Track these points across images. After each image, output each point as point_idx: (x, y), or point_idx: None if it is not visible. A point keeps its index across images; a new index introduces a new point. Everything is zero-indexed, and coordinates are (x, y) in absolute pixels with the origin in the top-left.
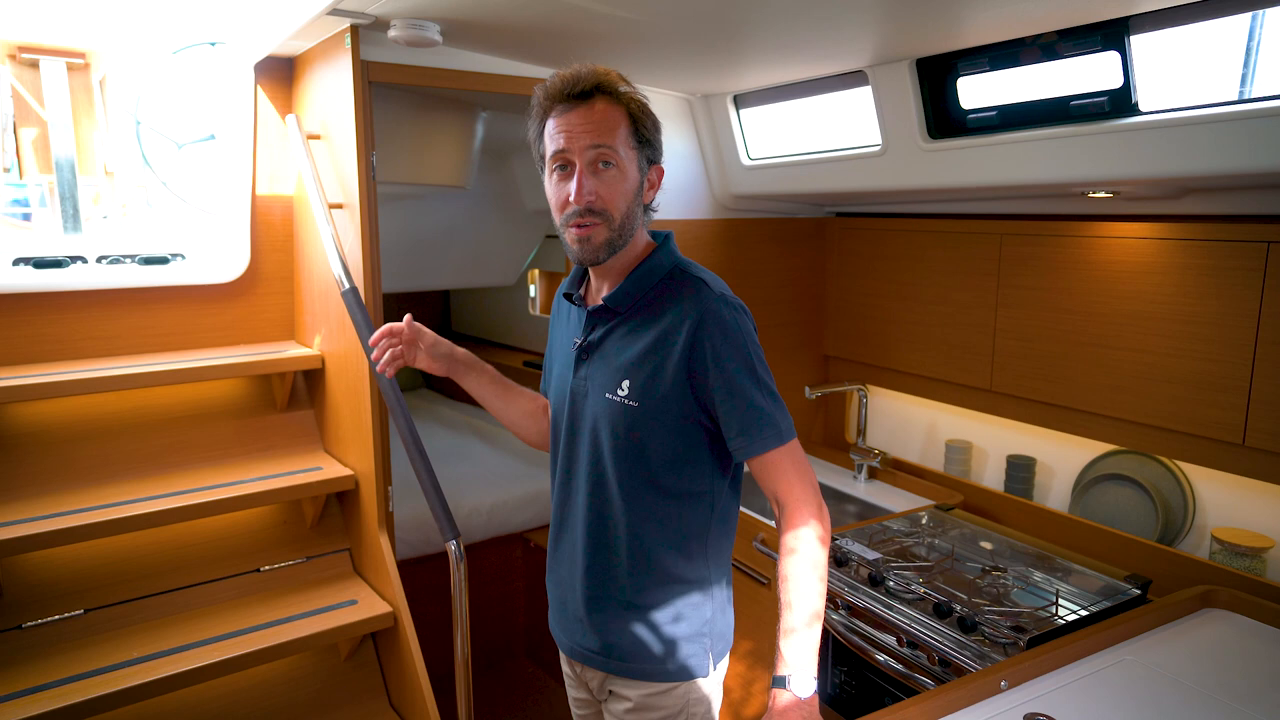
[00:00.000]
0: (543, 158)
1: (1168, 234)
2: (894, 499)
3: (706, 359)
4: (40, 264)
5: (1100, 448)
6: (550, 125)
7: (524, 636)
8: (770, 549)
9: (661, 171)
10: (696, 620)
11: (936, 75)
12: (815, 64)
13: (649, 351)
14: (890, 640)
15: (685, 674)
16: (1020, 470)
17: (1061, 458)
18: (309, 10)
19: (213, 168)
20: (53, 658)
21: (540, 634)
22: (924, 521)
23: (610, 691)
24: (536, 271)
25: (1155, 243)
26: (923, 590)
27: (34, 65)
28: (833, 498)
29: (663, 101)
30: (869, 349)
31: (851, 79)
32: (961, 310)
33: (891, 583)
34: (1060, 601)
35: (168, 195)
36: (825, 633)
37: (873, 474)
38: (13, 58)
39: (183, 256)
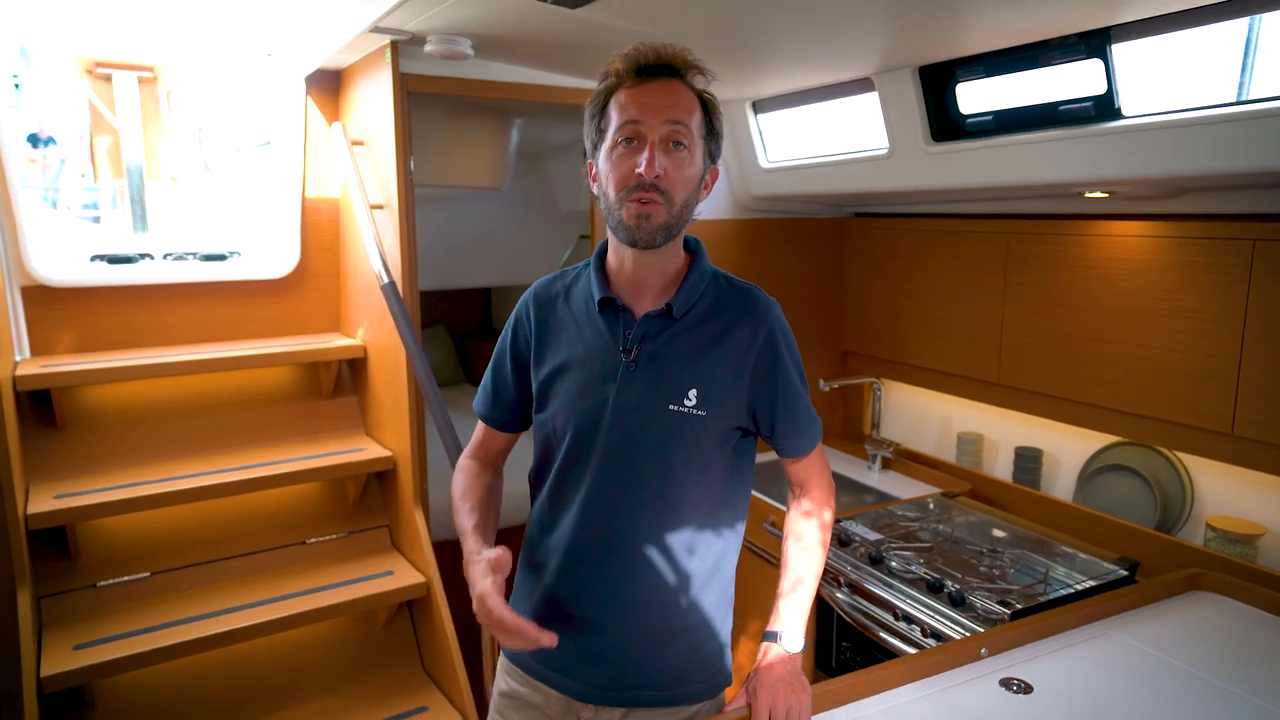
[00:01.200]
0: (600, 132)
1: (1162, 232)
2: (905, 488)
3: (776, 366)
4: (114, 260)
5: (1104, 439)
6: (621, 96)
7: None
8: (779, 531)
9: (716, 173)
10: (722, 632)
11: (938, 82)
12: (826, 72)
13: (719, 359)
14: (887, 616)
15: (715, 689)
16: (1028, 461)
17: (1068, 449)
18: (354, 28)
19: (266, 172)
20: (122, 613)
21: None
22: (929, 508)
23: None
24: None
25: (1150, 241)
26: (919, 569)
27: (107, 79)
28: (846, 487)
29: None
30: (885, 344)
31: (860, 85)
32: (971, 307)
33: (891, 562)
34: (1049, 579)
35: (225, 197)
36: (830, 609)
37: (886, 464)
38: (89, 72)
39: (239, 254)
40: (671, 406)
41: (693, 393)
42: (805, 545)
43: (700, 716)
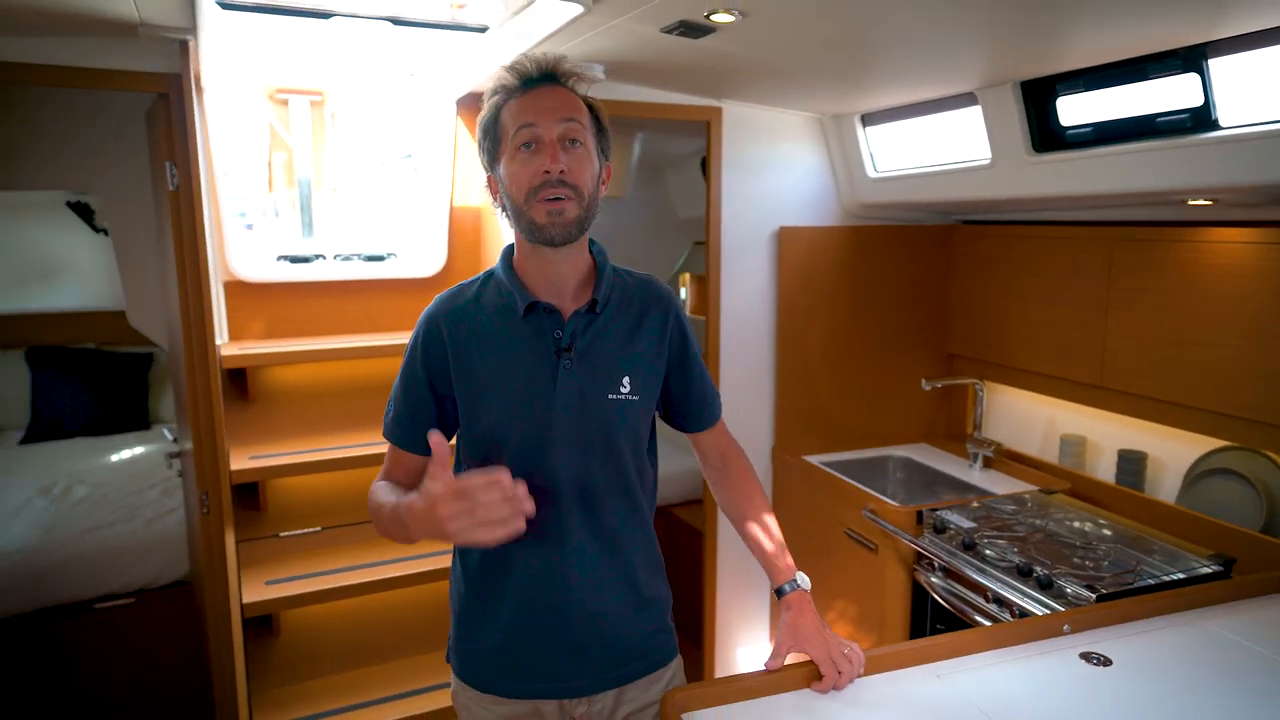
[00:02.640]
0: (496, 143)
1: (1267, 238)
2: (1004, 486)
3: (685, 345)
4: (294, 260)
5: (1210, 443)
6: (513, 105)
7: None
8: (879, 518)
9: (610, 171)
10: (669, 594)
11: (1039, 95)
12: (932, 87)
13: (641, 346)
14: (979, 599)
15: (674, 647)
16: (1131, 464)
17: (1173, 453)
18: (502, 59)
19: (416, 182)
20: (299, 558)
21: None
22: (1026, 503)
23: (620, 706)
24: (687, 275)
25: (1256, 247)
26: (1011, 556)
27: (284, 103)
28: (946, 484)
29: (796, 121)
30: (990, 348)
31: (963, 99)
32: (1074, 311)
33: (986, 550)
34: (1139, 571)
35: (373, 205)
36: (924, 592)
37: (987, 463)
38: (270, 98)
39: (395, 255)
40: (610, 396)
41: (626, 380)
42: (763, 505)
43: (674, 674)
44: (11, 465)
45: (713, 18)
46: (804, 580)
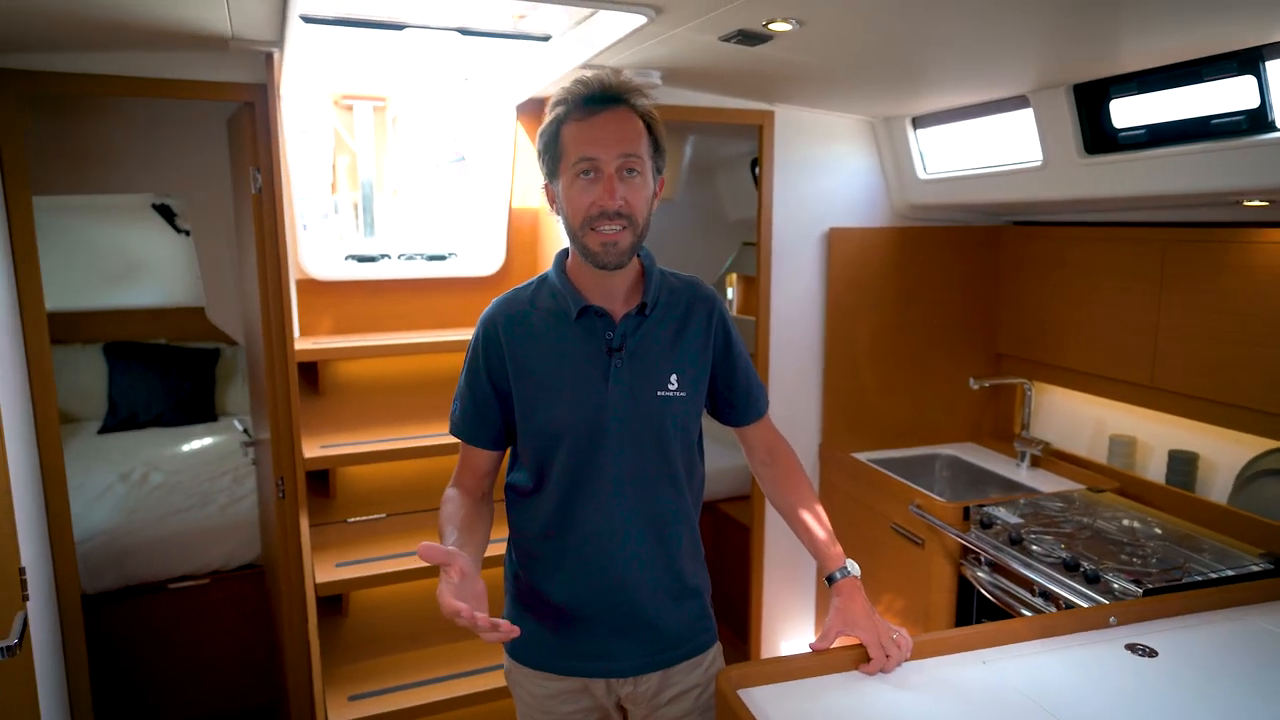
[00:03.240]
0: (555, 161)
1: None
2: (1052, 484)
3: (730, 342)
4: (361, 259)
5: (1263, 444)
6: (573, 129)
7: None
8: (925, 514)
9: (664, 183)
10: (709, 584)
11: (1091, 98)
12: (984, 90)
13: (688, 344)
14: (1025, 593)
15: (715, 634)
16: (1182, 464)
17: (1225, 453)
18: (567, 66)
19: (475, 184)
20: (366, 543)
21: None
22: (1074, 500)
23: (667, 696)
24: (734, 275)
25: None
26: (1058, 551)
27: (349, 109)
28: (993, 482)
29: (847, 123)
30: (1039, 348)
31: (1015, 102)
32: (1125, 311)
33: (1033, 546)
34: (1186, 566)
35: (439, 207)
36: (970, 586)
37: (1035, 462)
38: (336, 104)
39: (456, 255)
40: (659, 393)
41: (674, 377)
42: (810, 495)
43: (714, 659)
44: (93, 453)
45: (770, 26)
46: (854, 567)
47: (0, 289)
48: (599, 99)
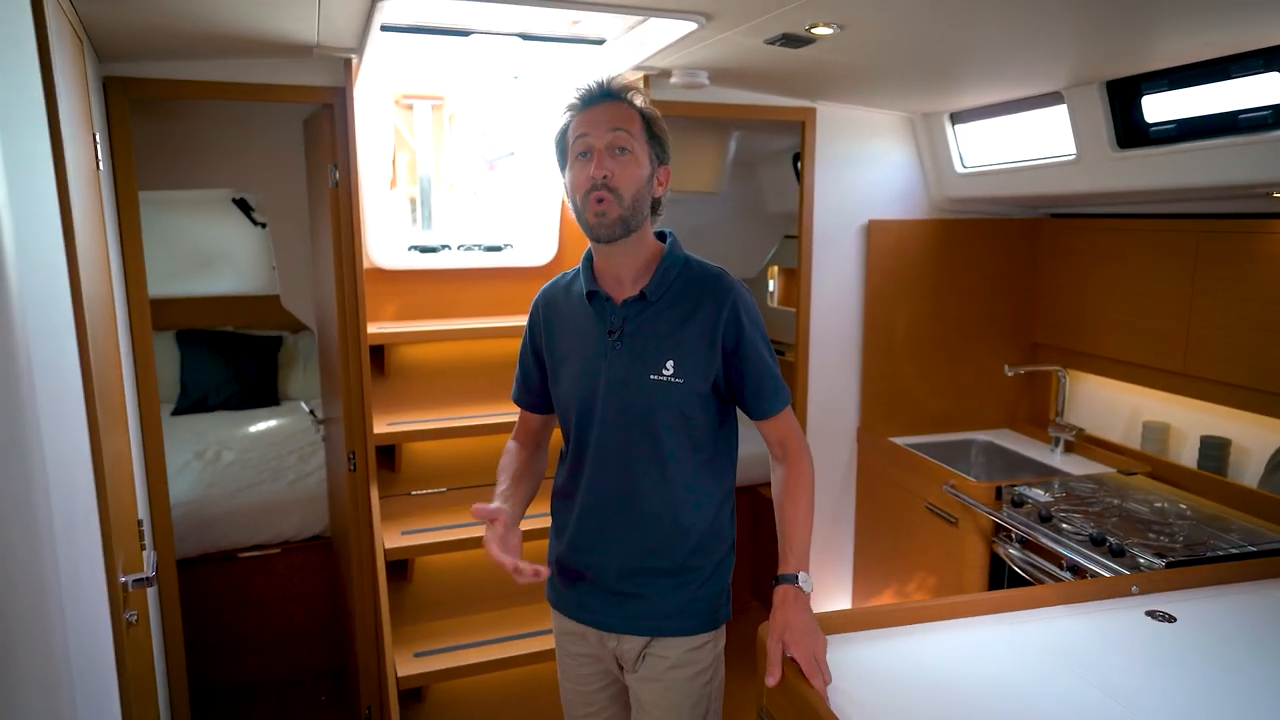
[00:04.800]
0: (564, 153)
1: None
2: (1085, 469)
3: (741, 337)
4: (424, 250)
5: None
6: (574, 123)
7: (750, 580)
8: (959, 493)
9: (669, 173)
10: (726, 571)
11: (1123, 94)
12: (1020, 88)
13: (689, 333)
14: (1054, 567)
15: (720, 621)
16: (1214, 450)
17: (1256, 439)
18: (621, 67)
19: (528, 179)
20: (428, 514)
21: (764, 576)
22: (1105, 482)
23: (646, 655)
24: (776, 268)
25: None
26: (1086, 528)
27: (409, 108)
28: (1026, 466)
29: (887, 119)
30: (1075, 336)
31: (1050, 98)
32: (1159, 300)
33: (1061, 522)
34: (1211, 543)
35: (492, 200)
36: (1001, 563)
37: (1069, 448)
38: (396, 103)
39: (511, 246)
40: (653, 376)
41: (670, 363)
42: (798, 498)
43: (706, 644)
44: (169, 433)
45: (813, 30)
46: (806, 583)
47: (114, 279)
48: (597, 96)
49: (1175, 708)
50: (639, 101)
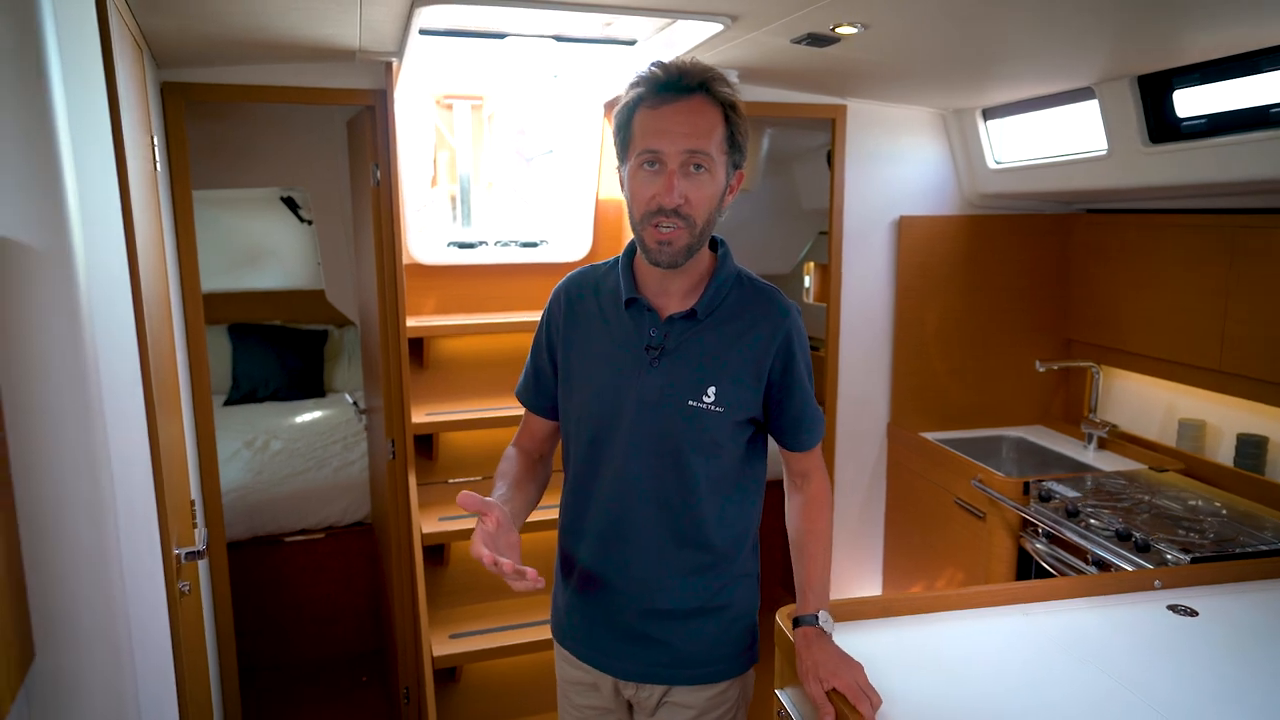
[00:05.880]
0: (625, 145)
1: None
2: (1117, 465)
3: (790, 367)
4: (462, 245)
5: None
6: (642, 117)
7: (781, 569)
8: (986, 487)
9: (742, 177)
10: (753, 610)
11: (1155, 89)
12: (1051, 84)
13: (741, 357)
14: (1080, 562)
15: (747, 664)
16: (1251, 448)
17: None
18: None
19: (563, 176)
20: None
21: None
22: (1136, 478)
23: (665, 704)
24: (811, 264)
25: None
26: (1113, 522)
27: (449, 108)
28: (1058, 462)
29: (917, 115)
30: (1110, 332)
31: (1081, 94)
32: (1195, 296)
33: (1089, 517)
34: (1241, 539)
35: (531, 197)
36: (1029, 558)
37: (1102, 444)
38: (438, 103)
39: (546, 242)
40: (691, 402)
41: (712, 390)
42: (818, 535)
43: (733, 690)
44: (221, 423)
45: (837, 30)
46: (827, 623)
47: (169, 274)
48: (674, 86)
49: (1189, 699)
50: (723, 93)
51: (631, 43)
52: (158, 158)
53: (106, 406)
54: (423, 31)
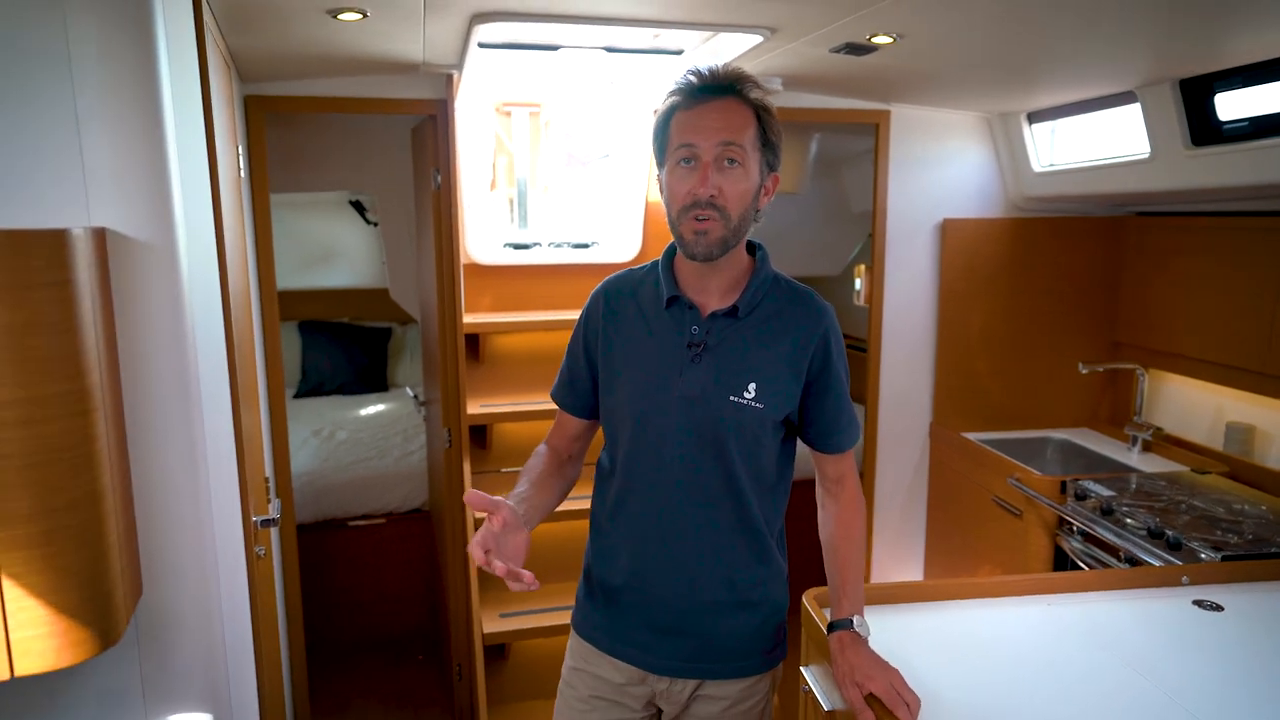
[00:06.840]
0: (663, 148)
1: None
2: (1160, 467)
3: (828, 368)
4: (517, 246)
5: None
6: (680, 117)
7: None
8: (1023, 486)
9: (777, 180)
10: (784, 606)
11: (1196, 93)
12: (1093, 87)
13: (780, 356)
14: (1113, 560)
15: (776, 660)
16: None
17: None
18: None
19: (615, 180)
20: None
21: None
22: (1177, 480)
23: (698, 698)
24: (862, 266)
25: None
26: (1147, 521)
27: (508, 115)
28: (1102, 464)
29: (963, 119)
30: (1157, 335)
31: (1123, 97)
32: (1242, 299)
33: (1124, 516)
34: (1276, 539)
35: (584, 200)
36: (1064, 555)
37: (1146, 447)
38: (497, 110)
39: (598, 243)
40: (732, 398)
41: (752, 386)
42: (853, 540)
43: (762, 684)
44: (291, 413)
45: (873, 40)
46: (863, 627)
47: (250, 273)
48: (709, 89)
49: (1208, 690)
50: (754, 96)
51: (679, 52)
52: (242, 165)
53: (204, 396)
54: (481, 45)
